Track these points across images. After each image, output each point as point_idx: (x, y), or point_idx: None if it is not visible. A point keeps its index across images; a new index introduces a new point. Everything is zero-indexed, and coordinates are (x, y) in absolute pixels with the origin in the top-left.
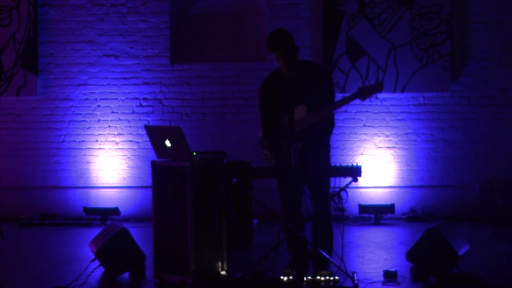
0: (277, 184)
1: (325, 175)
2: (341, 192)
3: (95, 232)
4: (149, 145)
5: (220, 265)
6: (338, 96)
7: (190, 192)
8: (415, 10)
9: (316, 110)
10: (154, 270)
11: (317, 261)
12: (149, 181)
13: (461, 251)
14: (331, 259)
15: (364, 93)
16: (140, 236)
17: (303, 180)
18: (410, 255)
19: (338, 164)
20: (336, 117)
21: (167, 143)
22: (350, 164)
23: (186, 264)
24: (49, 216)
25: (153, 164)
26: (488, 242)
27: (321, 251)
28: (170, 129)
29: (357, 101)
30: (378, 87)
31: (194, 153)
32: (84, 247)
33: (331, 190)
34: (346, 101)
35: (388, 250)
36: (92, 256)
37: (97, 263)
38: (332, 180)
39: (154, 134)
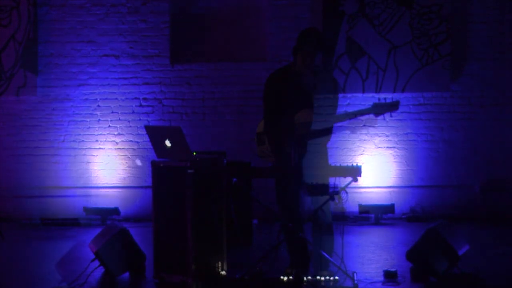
0: (275, 183)
1: (325, 176)
2: (341, 192)
3: (95, 232)
4: (149, 145)
5: (220, 265)
6: (339, 97)
7: (190, 192)
8: (415, 10)
9: (325, 119)
10: (154, 270)
11: (317, 261)
12: (149, 181)
13: (461, 251)
14: (331, 259)
15: (379, 110)
16: (140, 236)
17: (302, 180)
18: (410, 255)
19: (338, 164)
20: None
21: (167, 143)
22: (350, 164)
23: (186, 264)
24: (49, 216)
25: (153, 164)
26: (488, 242)
27: (321, 251)
28: (170, 129)
29: (357, 100)
30: (393, 107)
31: (194, 153)
32: (84, 247)
33: (331, 190)
34: (359, 113)
35: (388, 250)
36: (92, 256)
37: (97, 263)
38: (332, 180)
39: (154, 134)
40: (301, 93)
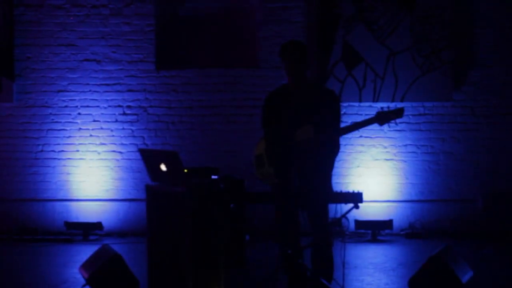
0: (275, 205)
1: (325, 200)
2: (342, 219)
3: (77, 248)
4: (133, 155)
5: None
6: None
7: (188, 219)
8: (416, 14)
9: (326, 132)
10: None
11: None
12: (133, 194)
13: (465, 278)
14: (330, 287)
15: (383, 119)
16: (127, 254)
17: (302, 203)
18: (413, 284)
19: (338, 190)
20: None
21: (163, 167)
22: (351, 191)
23: None
24: (28, 231)
25: (148, 188)
26: (492, 264)
27: (321, 278)
28: (166, 154)
29: (354, 110)
30: (398, 114)
31: (186, 170)
32: (69, 268)
33: (331, 217)
34: (362, 125)
35: (388, 273)
36: (81, 279)
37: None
38: (332, 206)
39: (149, 158)
40: (299, 110)
